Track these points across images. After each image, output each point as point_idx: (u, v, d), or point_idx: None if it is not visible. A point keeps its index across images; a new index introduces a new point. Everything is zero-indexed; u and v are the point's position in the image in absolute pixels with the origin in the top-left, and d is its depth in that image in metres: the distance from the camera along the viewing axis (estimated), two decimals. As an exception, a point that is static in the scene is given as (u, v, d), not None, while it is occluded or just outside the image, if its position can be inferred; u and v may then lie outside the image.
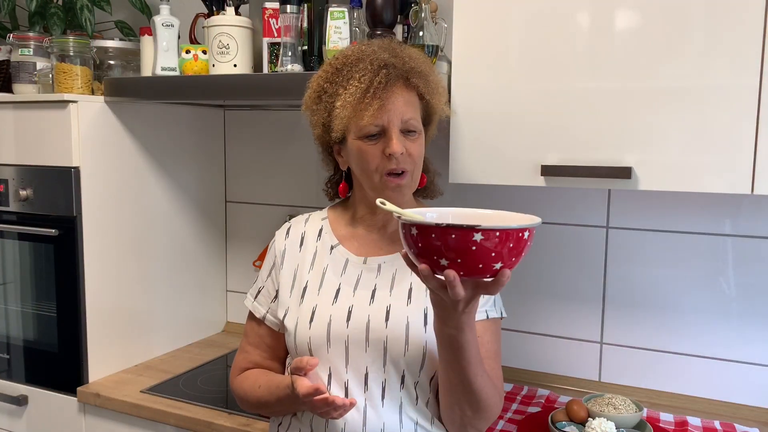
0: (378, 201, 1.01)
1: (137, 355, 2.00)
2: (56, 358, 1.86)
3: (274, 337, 1.31)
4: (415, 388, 1.18)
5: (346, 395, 1.17)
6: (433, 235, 0.93)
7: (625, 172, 1.35)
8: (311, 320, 1.21)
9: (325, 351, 1.19)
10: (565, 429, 1.45)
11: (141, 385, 1.82)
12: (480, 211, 1.11)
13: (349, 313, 1.20)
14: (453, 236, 0.92)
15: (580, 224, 1.80)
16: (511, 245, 0.93)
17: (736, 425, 1.59)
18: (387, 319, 1.18)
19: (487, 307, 1.23)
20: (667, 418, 1.62)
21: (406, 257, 1.00)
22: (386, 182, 1.17)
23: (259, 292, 1.33)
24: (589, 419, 1.44)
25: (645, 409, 1.60)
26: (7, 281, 1.95)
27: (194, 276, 2.19)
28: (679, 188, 1.34)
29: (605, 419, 1.42)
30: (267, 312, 1.31)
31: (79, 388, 1.81)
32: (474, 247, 0.92)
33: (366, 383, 1.17)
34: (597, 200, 1.78)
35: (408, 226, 0.96)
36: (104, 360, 1.88)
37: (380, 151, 1.16)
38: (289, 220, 1.37)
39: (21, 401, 1.90)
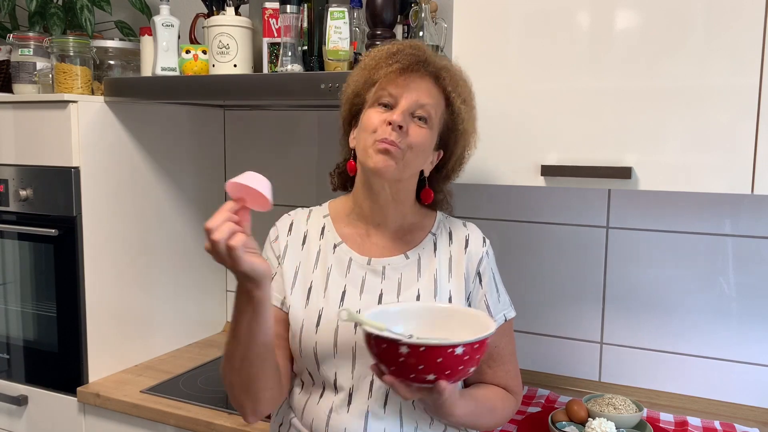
0: (340, 310, 1.04)
1: (137, 355, 2.00)
2: (56, 358, 1.86)
3: (282, 324, 1.23)
4: None
5: (350, 401, 1.16)
6: (371, 342, 1.00)
7: (625, 172, 1.35)
8: (318, 324, 1.18)
9: (331, 356, 1.17)
10: (565, 429, 1.45)
11: (141, 385, 1.82)
12: (451, 307, 1.16)
13: None
14: (384, 346, 0.97)
15: (580, 224, 1.80)
16: (440, 360, 0.96)
17: (736, 425, 1.59)
18: None
19: (505, 311, 1.28)
20: (667, 418, 1.62)
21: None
22: (376, 144, 1.15)
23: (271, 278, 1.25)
24: (589, 419, 1.44)
25: (645, 409, 1.60)
26: (7, 281, 1.95)
27: (194, 276, 2.19)
28: (679, 188, 1.34)
29: (605, 419, 1.42)
30: (284, 297, 1.24)
31: (79, 388, 1.81)
32: (401, 359, 0.96)
33: (371, 390, 1.16)
34: (597, 200, 1.78)
35: (363, 330, 1.01)
36: (104, 360, 1.88)
37: (384, 119, 1.15)
38: (290, 213, 1.33)
39: (21, 401, 1.90)
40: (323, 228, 1.28)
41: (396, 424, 1.16)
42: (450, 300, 1.21)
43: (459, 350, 0.96)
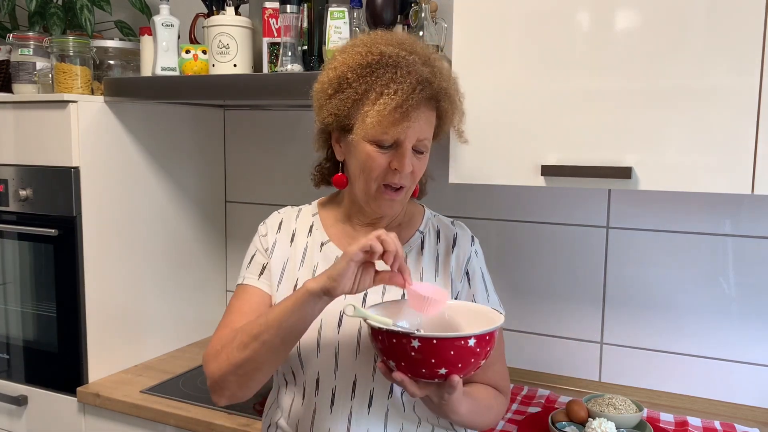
0: (348, 306, 1.02)
1: (137, 355, 2.00)
2: (56, 358, 1.86)
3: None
4: (402, 397, 1.16)
5: (333, 402, 1.15)
6: (380, 337, 0.98)
7: (625, 172, 1.35)
8: None
9: (314, 356, 1.16)
10: (565, 429, 1.45)
11: (141, 386, 1.82)
12: (456, 303, 1.15)
13: (341, 317, 1.17)
14: (394, 341, 0.96)
15: (580, 224, 1.80)
16: (453, 353, 0.95)
17: (736, 425, 1.59)
18: None
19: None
20: (667, 418, 1.62)
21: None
22: (382, 193, 1.15)
23: (264, 268, 1.24)
24: (589, 419, 1.44)
25: (645, 409, 1.60)
26: (7, 281, 1.95)
27: (194, 276, 2.19)
28: (679, 188, 1.34)
29: (605, 419, 1.42)
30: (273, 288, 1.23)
31: (78, 389, 1.81)
32: (413, 353, 0.95)
33: (353, 390, 1.15)
34: (597, 200, 1.78)
35: (368, 325, 1.01)
36: (104, 360, 1.88)
37: (387, 162, 1.12)
38: (280, 211, 1.33)
39: (21, 401, 1.90)
40: (311, 226, 1.28)
41: (380, 426, 1.15)
42: None
43: (471, 342, 0.95)
